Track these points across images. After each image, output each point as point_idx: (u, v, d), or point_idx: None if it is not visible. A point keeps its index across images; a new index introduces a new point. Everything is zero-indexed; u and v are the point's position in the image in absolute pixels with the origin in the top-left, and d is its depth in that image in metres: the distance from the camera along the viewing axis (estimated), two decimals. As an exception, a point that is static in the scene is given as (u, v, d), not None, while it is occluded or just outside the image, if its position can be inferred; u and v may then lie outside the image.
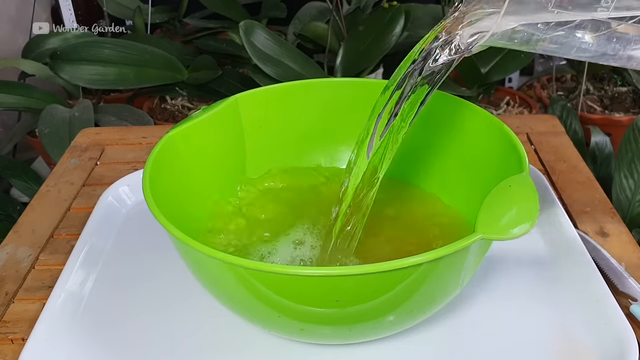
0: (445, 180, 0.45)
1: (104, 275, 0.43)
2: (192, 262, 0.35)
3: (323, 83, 0.48)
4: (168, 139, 0.40)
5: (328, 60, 1.03)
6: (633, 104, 1.07)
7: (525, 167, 0.35)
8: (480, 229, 0.31)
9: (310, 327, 0.34)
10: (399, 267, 0.29)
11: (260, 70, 0.91)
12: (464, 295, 0.40)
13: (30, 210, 0.53)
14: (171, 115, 1.12)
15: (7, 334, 0.40)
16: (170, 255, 0.38)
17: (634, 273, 0.43)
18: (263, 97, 0.47)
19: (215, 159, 0.44)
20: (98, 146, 0.63)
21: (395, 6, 0.96)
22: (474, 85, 1.02)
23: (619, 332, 0.36)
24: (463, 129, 0.43)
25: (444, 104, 0.44)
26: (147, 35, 1.17)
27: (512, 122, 0.65)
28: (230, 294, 0.35)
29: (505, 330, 0.38)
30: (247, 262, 0.30)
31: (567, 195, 0.52)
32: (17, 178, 0.95)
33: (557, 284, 0.41)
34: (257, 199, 0.45)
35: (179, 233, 0.32)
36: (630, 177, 0.72)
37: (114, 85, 0.95)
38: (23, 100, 0.97)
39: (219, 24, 1.23)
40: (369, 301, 0.32)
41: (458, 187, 0.44)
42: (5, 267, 0.46)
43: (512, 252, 0.44)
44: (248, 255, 0.40)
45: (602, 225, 0.49)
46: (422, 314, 0.36)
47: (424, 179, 0.46)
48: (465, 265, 0.33)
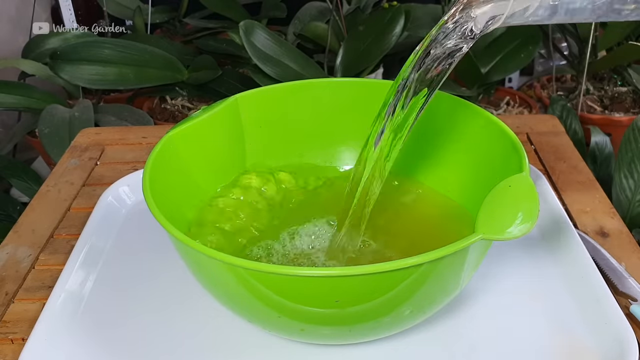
0: (446, 179, 0.45)
1: (104, 275, 0.43)
2: (192, 263, 0.35)
3: (323, 83, 0.48)
4: (168, 139, 0.40)
5: (328, 60, 1.03)
6: (633, 104, 1.07)
7: (525, 167, 0.35)
8: (480, 229, 0.31)
9: (310, 327, 0.34)
10: (399, 267, 0.29)
11: (260, 70, 0.91)
12: (464, 295, 0.40)
13: (30, 210, 0.53)
14: (171, 115, 1.12)
15: (7, 334, 0.40)
16: (170, 256, 0.38)
17: (633, 273, 0.43)
18: (263, 97, 0.47)
19: (215, 159, 0.45)
20: (98, 146, 0.63)
21: (395, 6, 0.96)
22: (474, 85, 1.02)
23: (619, 332, 0.36)
24: (463, 129, 0.43)
25: (444, 104, 0.44)
26: (147, 35, 1.17)
27: (512, 122, 0.65)
28: (230, 295, 0.35)
29: (505, 330, 0.38)
30: (247, 262, 0.30)
31: (567, 195, 0.52)
32: (17, 178, 0.95)
33: (557, 284, 0.41)
34: (257, 199, 0.45)
35: (179, 233, 0.32)
36: (630, 177, 0.72)
37: (114, 85, 0.95)
38: (23, 100, 0.98)
39: (219, 24, 1.23)
40: (369, 301, 0.32)
41: (459, 186, 0.44)
42: (5, 267, 0.46)
43: (512, 252, 0.44)
44: (249, 255, 0.40)
45: (602, 225, 0.49)
46: (422, 314, 0.36)
47: (427, 176, 0.46)
48: (466, 265, 0.33)
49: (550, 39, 1.05)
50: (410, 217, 0.43)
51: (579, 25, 0.99)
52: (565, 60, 1.15)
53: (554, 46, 1.09)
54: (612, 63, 1.05)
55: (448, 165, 0.45)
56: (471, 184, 0.43)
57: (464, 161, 0.44)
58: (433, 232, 0.42)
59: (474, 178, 0.42)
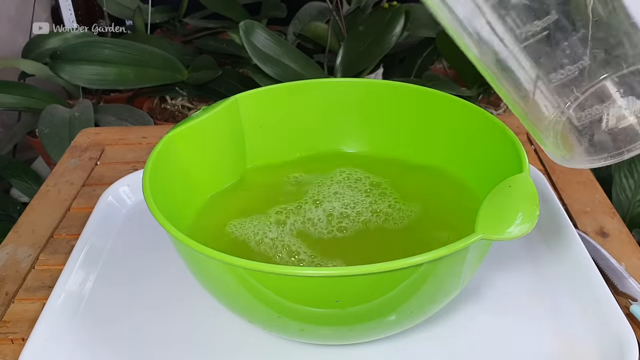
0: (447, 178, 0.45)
1: (104, 275, 0.43)
2: (192, 263, 0.35)
3: (323, 83, 0.48)
4: (168, 139, 0.40)
5: (328, 60, 1.03)
6: (633, 104, 1.07)
7: (525, 167, 0.35)
8: (479, 229, 0.31)
9: (310, 327, 0.34)
10: (399, 267, 0.29)
11: (260, 70, 0.91)
12: (464, 295, 0.40)
13: (30, 210, 0.53)
14: (171, 115, 1.12)
15: (7, 334, 0.40)
16: (171, 255, 0.38)
17: (633, 273, 0.43)
18: (263, 97, 0.47)
19: (215, 159, 0.45)
20: (98, 146, 0.63)
21: (395, 6, 0.96)
22: (474, 85, 1.02)
23: (619, 333, 0.36)
24: (463, 129, 0.43)
25: (443, 104, 0.44)
26: (147, 35, 1.17)
27: (512, 122, 0.64)
28: (230, 295, 0.35)
29: (504, 330, 0.38)
30: (246, 262, 0.30)
31: (567, 195, 0.52)
32: (17, 178, 0.95)
33: (556, 284, 0.41)
34: (257, 199, 0.45)
35: (179, 233, 0.32)
36: (630, 176, 0.72)
37: (114, 85, 0.95)
38: (23, 100, 0.98)
39: (219, 24, 1.23)
40: (369, 301, 0.32)
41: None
42: (5, 267, 0.46)
43: (512, 252, 0.44)
44: (249, 254, 0.40)
45: (602, 225, 0.49)
46: (423, 314, 0.36)
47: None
48: (465, 265, 0.33)
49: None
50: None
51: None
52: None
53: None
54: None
55: (447, 166, 0.45)
56: (471, 184, 0.43)
57: (464, 161, 0.44)
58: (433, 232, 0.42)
59: (474, 178, 0.42)
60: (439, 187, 0.45)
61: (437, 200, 0.44)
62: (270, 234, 0.41)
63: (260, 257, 0.39)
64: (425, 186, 0.45)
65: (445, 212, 0.43)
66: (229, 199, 0.45)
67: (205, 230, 0.42)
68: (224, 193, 0.45)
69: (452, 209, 0.43)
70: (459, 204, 0.43)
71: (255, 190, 0.46)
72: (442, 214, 0.42)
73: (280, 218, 0.42)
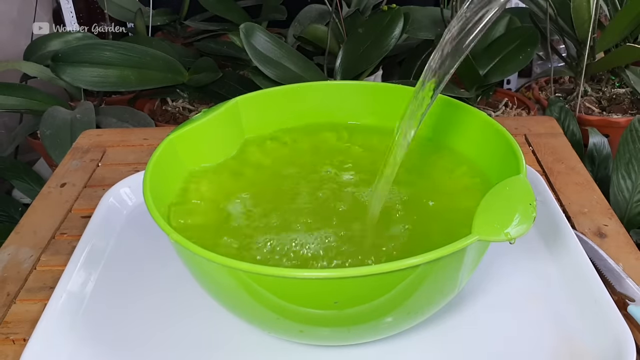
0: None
1: (105, 276, 0.44)
2: (191, 265, 0.35)
3: (323, 85, 0.48)
4: (169, 142, 0.41)
5: (328, 62, 1.03)
6: (631, 106, 1.07)
7: (523, 169, 0.36)
8: (477, 231, 0.31)
9: (309, 328, 0.35)
10: (396, 268, 0.29)
11: (260, 73, 0.91)
12: (463, 295, 0.40)
13: (31, 212, 0.53)
14: (172, 117, 1.12)
15: (8, 334, 0.41)
16: (171, 257, 0.38)
17: (631, 273, 0.43)
18: (263, 99, 0.47)
19: (215, 161, 0.45)
20: (99, 148, 0.63)
21: (395, 9, 0.96)
22: (473, 86, 1.02)
23: (617, 333, 0.36)
24: (461, 131, 0.44)
25: (442, 107, 0.44)
26: (148, 38, 1.17)
27: (510, 124, 0.65)
28: (230, 296, 0.35)
29: (503, 330, 0.38)
30: (245, 265, 0.30)
31: (565, 196, 0.53)
32: (19, 179, 0.96)
33: (554, 284, 0.42)
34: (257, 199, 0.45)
35: (177, 236, 0.32)
36: (628, 177, 0.72)
37: (115, 87, 0.95)
38: (25, 102, 0.98)
39: (220, 26, 1.23)
40: (368, 302, 0.32)
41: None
42: (6, 268, 0.47)
43: (510, 253, 0.44)
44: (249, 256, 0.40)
45: (599, 226, 0.49)
46: (421, 315, 0.36)
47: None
48: (463, 266, 0.33)
49: (549, 40, 1.05)
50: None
51: (577, 27, 0.99)
52: (564, 62, 1.15)
53: (552, 48, 1.09)
54: (610, 65, 1.05)
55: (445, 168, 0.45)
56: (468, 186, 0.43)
57: (462, 163, 0.44)
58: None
59: (472, 180, 0.43)
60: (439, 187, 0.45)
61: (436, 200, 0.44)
62: (270, 234, 0.41)
63: (261, 258, 0.40)
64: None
65: (444, 212, 0.43)
66: (229, 200, 0.45)
67: (205, 230, 0.42)
68: (224, 194, 0.45)
69: (451, 208, 0.43)
70: (457, 204, 0.43)
71: (256, 189, 0.46)
72: (442, 214, 0.43)
73: (280, 218, 0.42)
